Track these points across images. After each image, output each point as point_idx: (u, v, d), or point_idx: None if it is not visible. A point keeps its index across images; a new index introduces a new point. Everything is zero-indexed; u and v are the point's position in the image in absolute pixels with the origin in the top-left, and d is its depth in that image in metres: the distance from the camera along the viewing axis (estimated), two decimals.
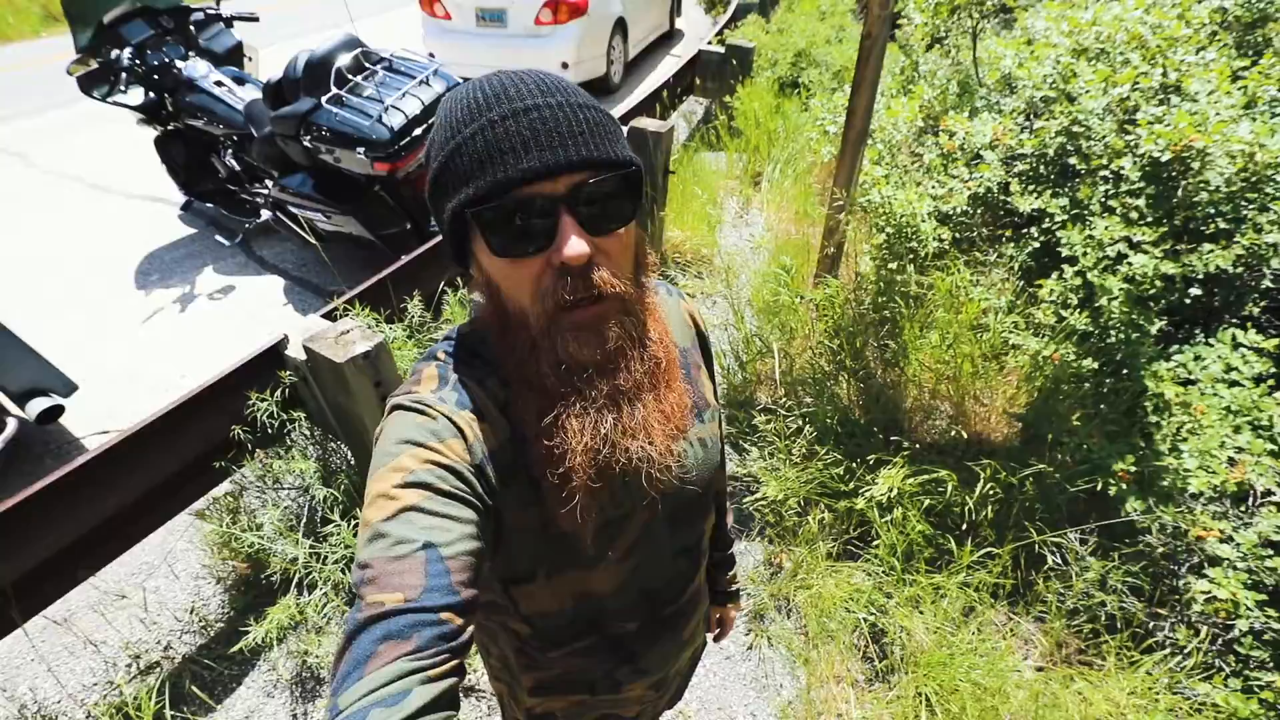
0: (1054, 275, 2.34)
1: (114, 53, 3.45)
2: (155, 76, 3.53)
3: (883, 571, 1.98)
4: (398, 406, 0.63)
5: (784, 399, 2.38)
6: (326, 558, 1.91)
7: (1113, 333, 2.07)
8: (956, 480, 1.99)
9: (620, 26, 6.19)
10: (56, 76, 3.45)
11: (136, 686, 1.76)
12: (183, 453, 1.86)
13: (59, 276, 3.69)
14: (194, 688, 1.82)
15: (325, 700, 1.81)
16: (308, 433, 2.08)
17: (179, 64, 3.55)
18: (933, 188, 2.70)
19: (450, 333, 0.72)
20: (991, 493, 1.94)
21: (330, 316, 2.10)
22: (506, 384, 0.65)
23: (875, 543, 2.01)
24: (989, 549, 1.89)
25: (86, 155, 5.02)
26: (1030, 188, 2.62)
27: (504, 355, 0.63)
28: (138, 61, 3.48)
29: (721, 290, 3.25)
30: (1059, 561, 1.86)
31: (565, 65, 5.52)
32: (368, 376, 1.80)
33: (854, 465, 2.12)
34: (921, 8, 3.62)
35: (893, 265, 2.51)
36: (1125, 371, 2.03)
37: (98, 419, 2.68)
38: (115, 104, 3.53)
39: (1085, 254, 2.19)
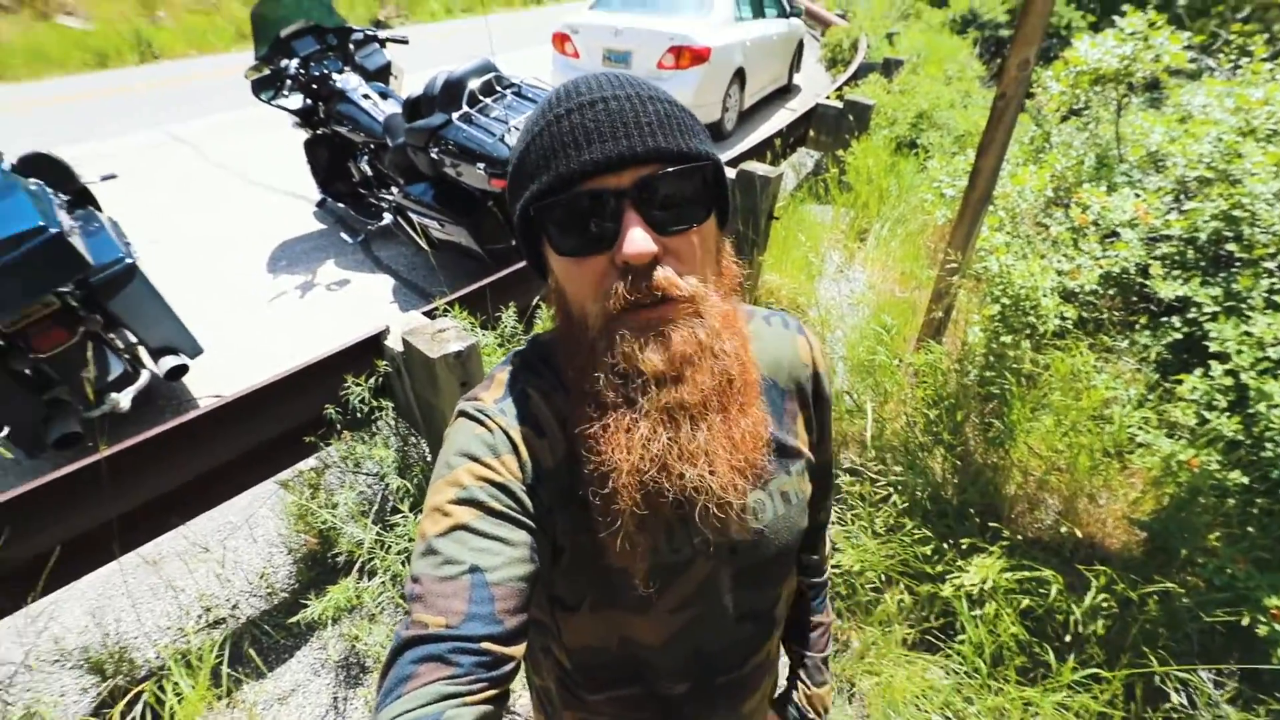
0: (1198, 372, 2.09)
1: (284, 62, 3.86)
2: (314, 86, 3.92)
3: (964, 672, 1.78)
4: (462, 413, 0.61)
5: (872, 463, 2.24)
6: (390, 547, 1.94)
7: (1269, 445, 1.81)
8: (1062, 583, 1.77)
9: (739, 76, 6.32)
10: (237, 85, 3.92)
11: (202, 638, 1.84)
12: (280, 423, 1.97)
13: (205, 252, 4.09)
14: (251, 650, 1.87)
15: (367, 693, 1.82)
16: (392, 423, 2.15)
17: (335, 76, 3.92)
18: (1058, 262, 2.52)
19: (535, 336, 0.70)
20: (1104, 605, 1.71)
21: (430, 315, 2.18)
22: (571, 396, 0.61)
23: (959, 637, 1.81)
24: (1096, 670, 1.66)
25: (247, 152, 5.63)
26: (1175, 273, 2.39)
27: (568, 364, 0.60)
28: (302, 71, 3.88)
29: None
30: (1184, 702, 1.59)
31: None
32: (456, 375, 1.85)
33: (944, 546, 1.95)
34: (1060, 76, 3.45)
35: (1006, 338, 2.33)
36: None
37: (215, 383, 2.91)
38: (278, 106, 3.95)
39: (1240, 352, 1.95)
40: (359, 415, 2.05)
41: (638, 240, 0.51)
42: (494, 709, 0.48)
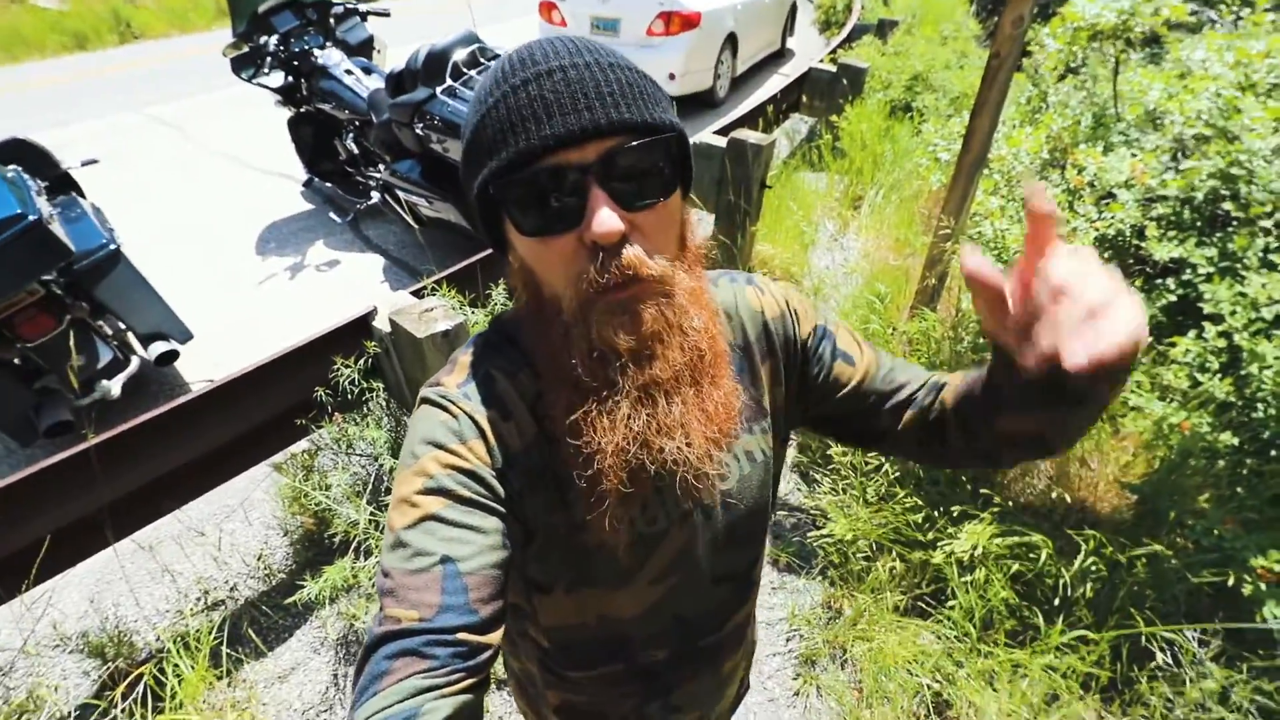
0: (1191, 334, 2.08)
1: (263, 39, 3.77)
2: (295, 62, 3.83)
3: (955, 636, 1.80)
4: (425, 399, 0.60)
5: None
6: (385, 521, 1.95)
7: (1260, 406, 1.81)
8: (1052, 548, 1.78)
9: (731, 42, 6.17)
10: (218, 64, 3.84)
11: (201, 620, 1.86)
12: (271, 406, 1.96)
13: (192, 235, 4.05)
14: (250, 631, 1.89)
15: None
16: (384, 404, 2.14)
17: (316, 52, 3.83)
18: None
19: (497, 315, 0.68)
20: (1093, 568, 1.73)
21: (419, 295, 2.16)
22: (539, 376, 0.60)
23: (950, 603, 1.83)
24: (1084, 632, 1.68)
25: (231, 133, 5.53)
26: (1170, 234, 2.35)
27: (537, 346, 0.59)
28: (282, 48, 3.79)
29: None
30: (1170, 661, 1.62)
31: (672, 76, 5.55)
32: (444, 355, 1.83)
33: (935, 514, 1.95)
34: (1057, 34, 3.36)
35: None
36: (1274, 453, 1.76)
37: (206, 368, 2.90)
38: (258, 85, 3.86)
39: (1234, 313, 1.93)
40: (349, 397, 2.05)
41: (605, 219, 0.50)
42: (474, 697, 0.48)
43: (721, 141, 3.14)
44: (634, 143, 0.51)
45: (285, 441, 2.07)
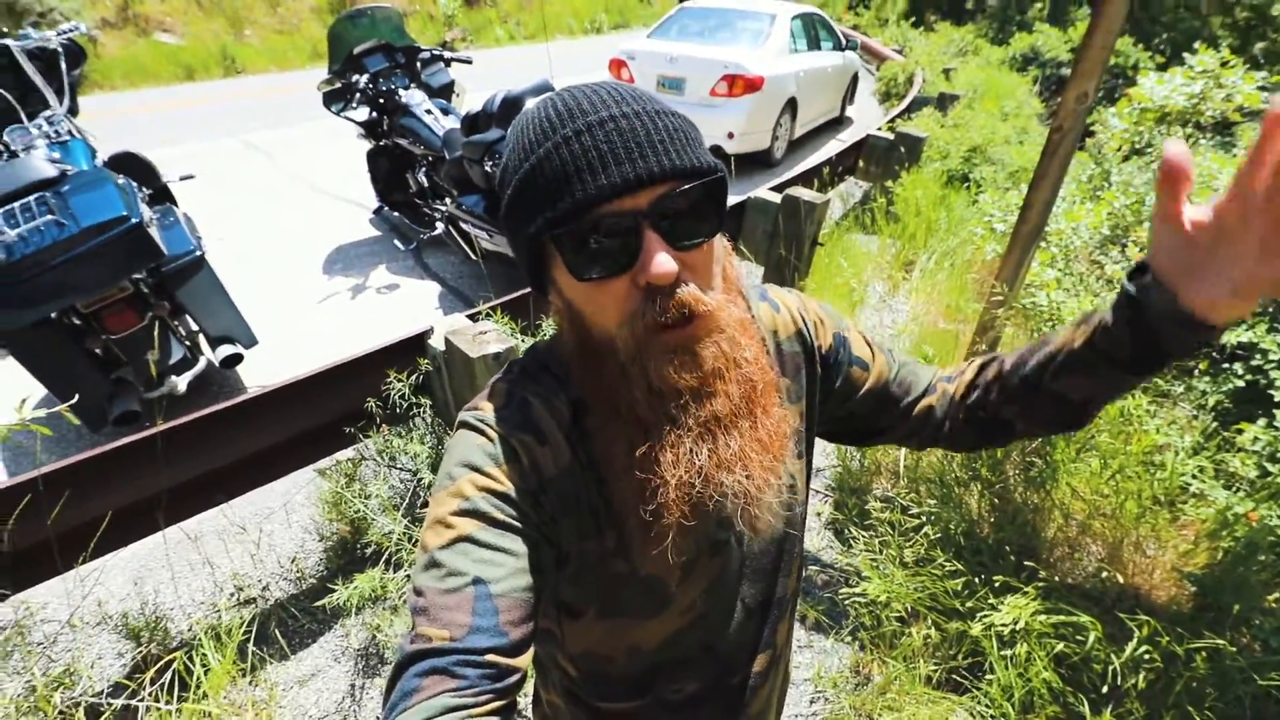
0: (1261, 421, 1.98)
1: (354, 77, 4.09)
2: (380, 100, 4.13)
3: (991, 716, 1.70)
4: (463, 423, 0.61)
5: (905, 493, 2.18)
6: (419, 541, 1.98)
7: None
8: (1101, 631, 1.68)
9: (791, 106, 6.36)
10: (309, 100, 4.18)
11: (232, 615, 1.90)
12: (323, 412, 2.05)
13: (268, 250, 4.32)
14: (277, 631, 1.93)
15: (384, 683, 1.84)
16: (429, 420, 2.21)
17: (401, 92, 4.13)
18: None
19: (532, 345, 0.69)
20: (1147, 658, 1.62)
21: (474, 319, 2.25)
22: (575, 405, 0.61)
23: (987, 679, 1.74)
24: None
25: (314, 161, 5.94)
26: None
27: (586, 383, 0.60)
28: (371, 86, 4.10)
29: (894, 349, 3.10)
30: None
31: (731, 135, 5.74)
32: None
33: (975, 582, 1.87)
34: (1123, 115, 3.37)
35: None
36: None
37: (265, 374, 3.04)
38: (345, 118, 4.17)
39: None
40: (398, 411, 2.12)
41: (662, 262, 0.52)
42: (501, 719, 0.48)
43: (776, 198, 3.22)
44: (684, 187, 0.53)
45: (332, 448, 2.15)
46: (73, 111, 3.18)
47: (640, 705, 0.70)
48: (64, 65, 3.12)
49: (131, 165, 3.05)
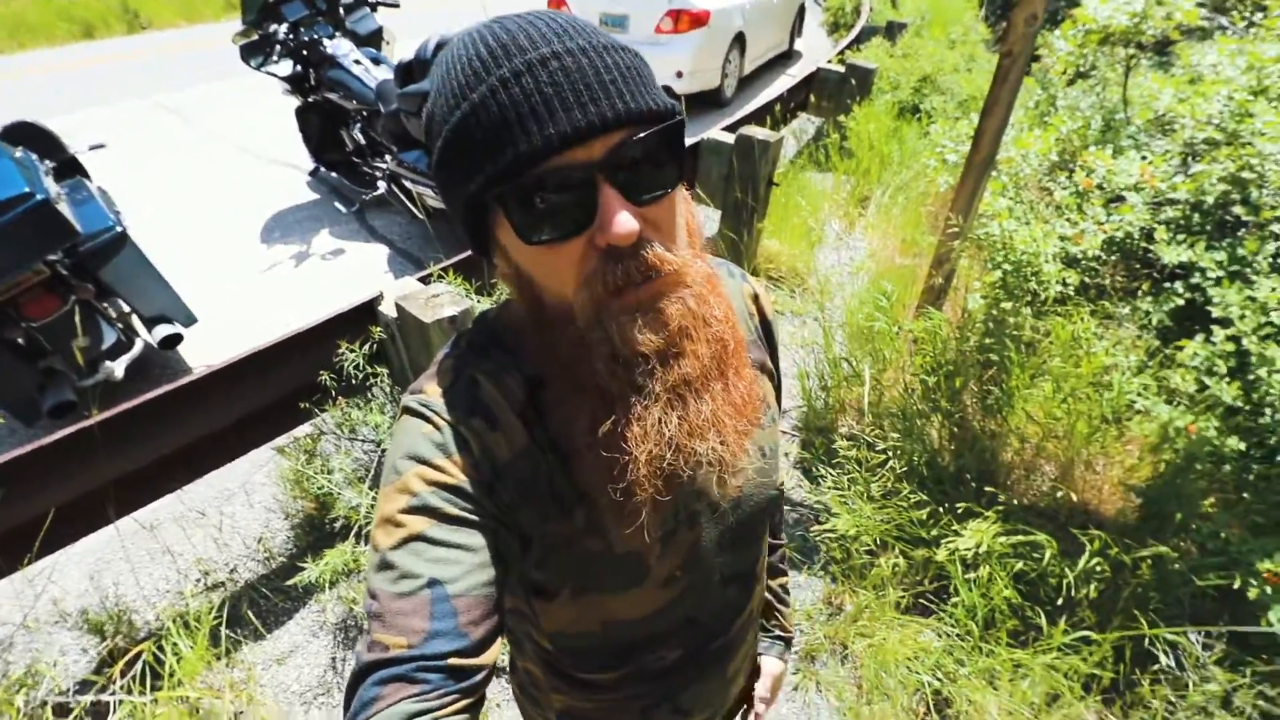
0: (1199, 338, 2.07)
1: (272, 27, 3.77)
2: (304, 51, 3.83)
3: (957, 635, 1.80)
4: (407, 409, 0.56)
5: (869, 429, 2.23)
6: (369, 539, 1.95)
7: (1269, 411, 1.80)
8: (1056, 548, 1.77)
9: (739, 41, 6.17)
10: (226, 54, 3.85)
11: (200, 600, 1.85)
12: (275, 389, 1.96)
13: (197, 222, 4.05)
14: (249, 612, 1.89)
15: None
16: (387, 390, 2.14)
17: (325, 42, 3.83)
18: (1062, 227, 2.48)
19: (480, 315, 0.64)
20: (1098, 569, 1.72)
21: (425, 281, 2.16)
22: (530, 380, 0.57)
23: (952, 601, 1.83)
24: (1086, 632, 1.67)
25: (238, 121, 5.53)
26: (1179, 237, 2.35)
27: (542, 355, 0.56)
28: (291, 36, 3.79)
29: (813, 311, 3.12)
30: (1172, 664, 1.61)
31: (680, 74, 5.55)
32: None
33: (940, 511, 1.95)
34: (1068, 36, 3.36)
35: (1006, 305, 2.30)
36: None
37: (209, 352, 2.90)
38: (267, 73, 3.86)
39: (1243, 317, 1.92)
40: (354, 382, 2.04)
41: (623, 222, 0.46)
42: (469, 717, 0.47)
43: (729, 138, 3.14)
44: (642, 134, 0.47)
45: (288, 425, 2.07)
46: None
47: (618, 675, 0.69)
48: None
49: (30, 136, 2.77)
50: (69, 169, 2.83)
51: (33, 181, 2.16)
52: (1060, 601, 1.73)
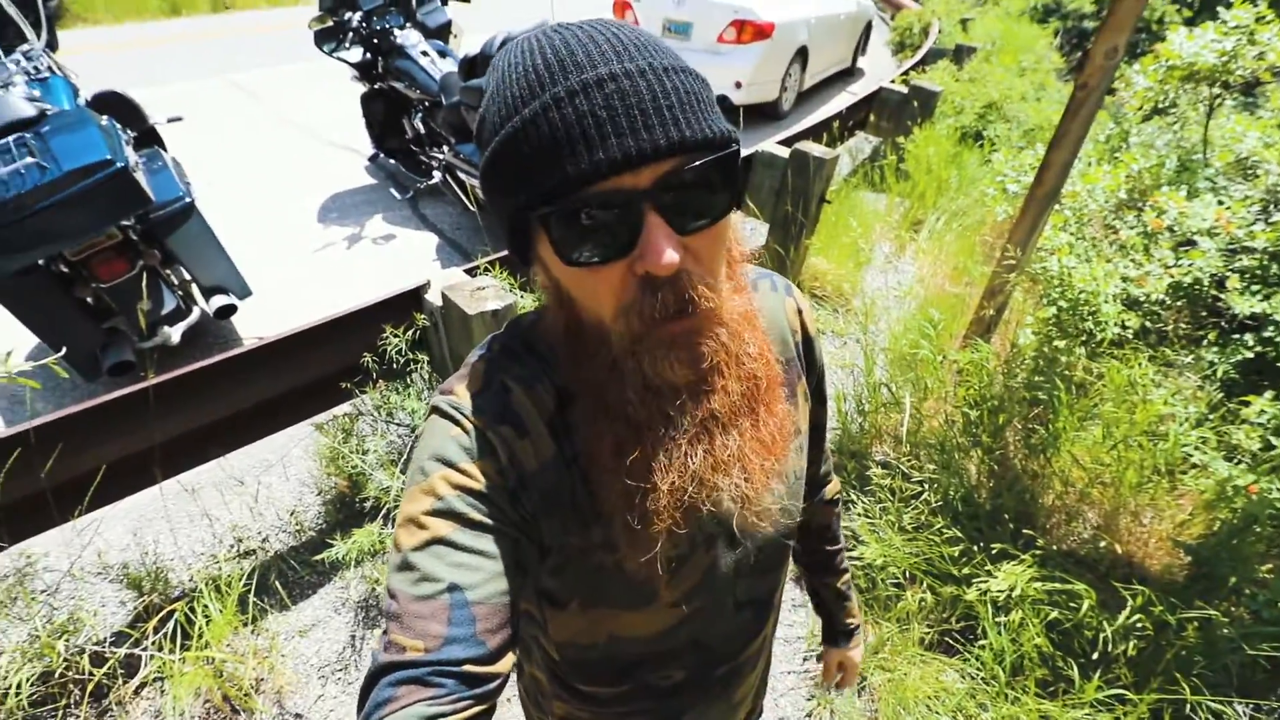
0: (1268, 394, 1.96)
1: (347, 14, 3.89)
2: (375, 40, 3.94)
3: (982, 678, 1.73)
4: (436, 409, 0.56)
5: (905, 458, 2.18)
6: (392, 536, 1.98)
7: None
8: (1095, 599, 1.70)
9: (801, 55, 6.12)
10: (301, 38, 3.99)
11: (232, 566, 1.91)
12: (319, 367, 2.02)
13: (259, 198, 4.20)
14: (277, 583, 1.94)
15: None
16: (426, 377, 2.18)
17: (396, 31, 3.93)
18: (1125, 267, 2.38)
19: (515, 320, 0.63)
20: (1139, 626, 1.64)
21: (471, 273, 2.19)
22: (561, 392, 0.57)
23: (980, 643, 1.77)
24: (1122, 691, 1.59)
25: (305, 103, 5.73)
26: (1254, 287, 2.23)
27: (574, 371, 0.55)
28: (364, 24, 3.90)
29: (856, 333, 3.06)
30: None
31: (739, 84, 5.53)
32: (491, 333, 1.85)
33: (973, 549, 1.89)
34: (1148, 71, 3.23)
35: (1059, 343, 2.22)
36: None
37: (260, 325, 3.00)
38: (338, 58, 3.99)
39: None
40: (395, 366, 2.08)
41: (665, 252, 0.45)
42: None
43: (784, 152, 3.11)
44: (695, 163, 0.46)
45: (329, 403, 2.12)
46: (51, 46, 3.03)
47: (621, 690, 0.69)
48: None
49: (116, 106, 2.92)
50: (147, 139, 2.97)
51: (114, 149, 2.26)
52: (1095, 656, 1.65)
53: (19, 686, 1.49)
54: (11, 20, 2.87)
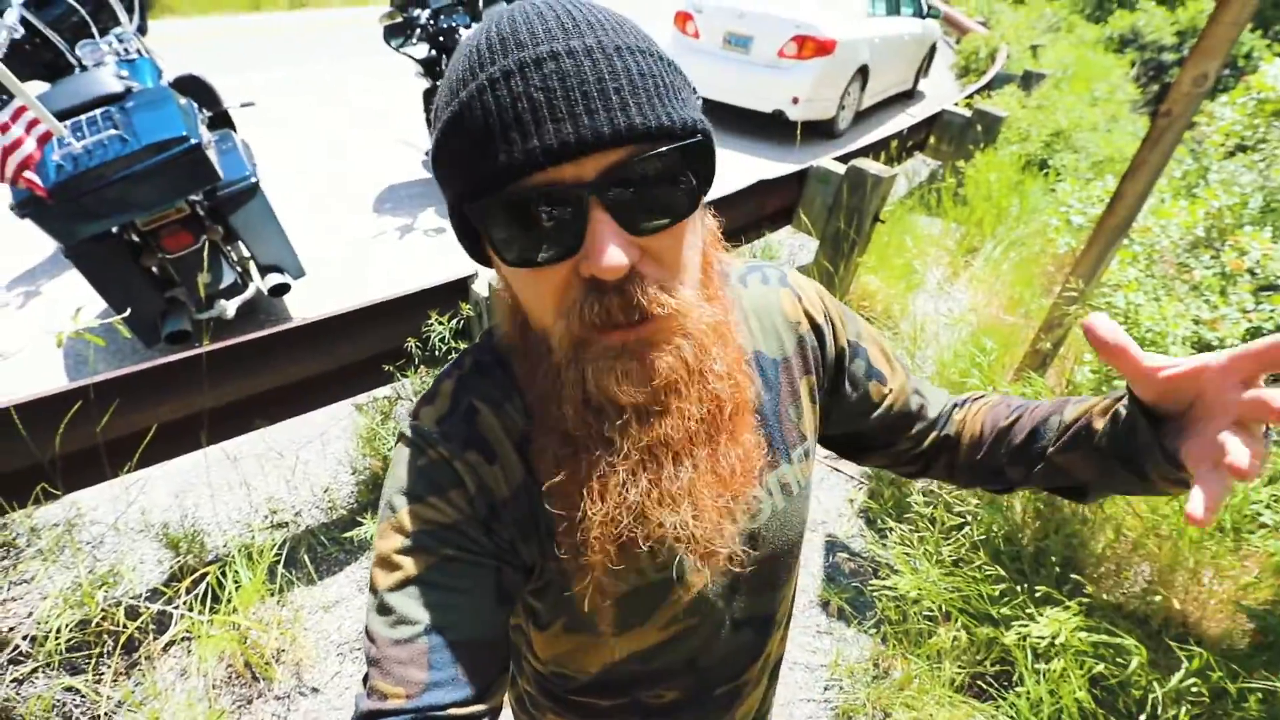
0: None
1: (416, 11, 4.01)
2: (440, 37, 4.05)
3: None
4: (403, 437, 0.54)
5: (948, 488, 2.09)
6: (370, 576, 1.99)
7: None
8: (1146, 656, 1.59)
9: (862, 74, 6.04)
10: (370, 35, 4.13)
11: (265, 536, 1.95)
12: (365, 347, 2.05)
13: (320, 183, 4.34)
14: (305, 556, 1.98)
15: None
16: None
17: (461, 30, 4.03)
18: (1198, 309, 2.25)
19: (490, 329, 0.58)
20: (1193, 690, 1.53)
21: None
22: (529, 415, 0.53)
23: (1016, 690, 1.67)
24: None
25: (366, 97, 5.93)
26: None
27: (527, 383, 0.51)
28: (431, 22, 4.01)
29: (902, 356, 2.97)
30: None
31: (795, 100, 5.49)
32: None
33: (1016, 590, 1.79)
34: (1236, 104, 3.07)
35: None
36: None
37: (311, 306, 3.08)
38: (404, 53, 4.11)
39: None
40: (436, 353, 2.11)
41: (610, 254, 0.40)
42: None
43: (840, 168, 3.06)
44: (647, 154, 0.41)
45: (371, 384, 2.16)
46: (141, 30, 3.20)
47: (615, 705, 0.66)
48: None
49: (195, 88, 3.07)
50: (221, 120, 3.10)
51: (191, 128, 2.37)
52: (1143, 718, 1.54)
53: (58, 631, 1.55)
54: (107, 4, 3.04)
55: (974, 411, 0.71)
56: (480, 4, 4.23)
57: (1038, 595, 1.75)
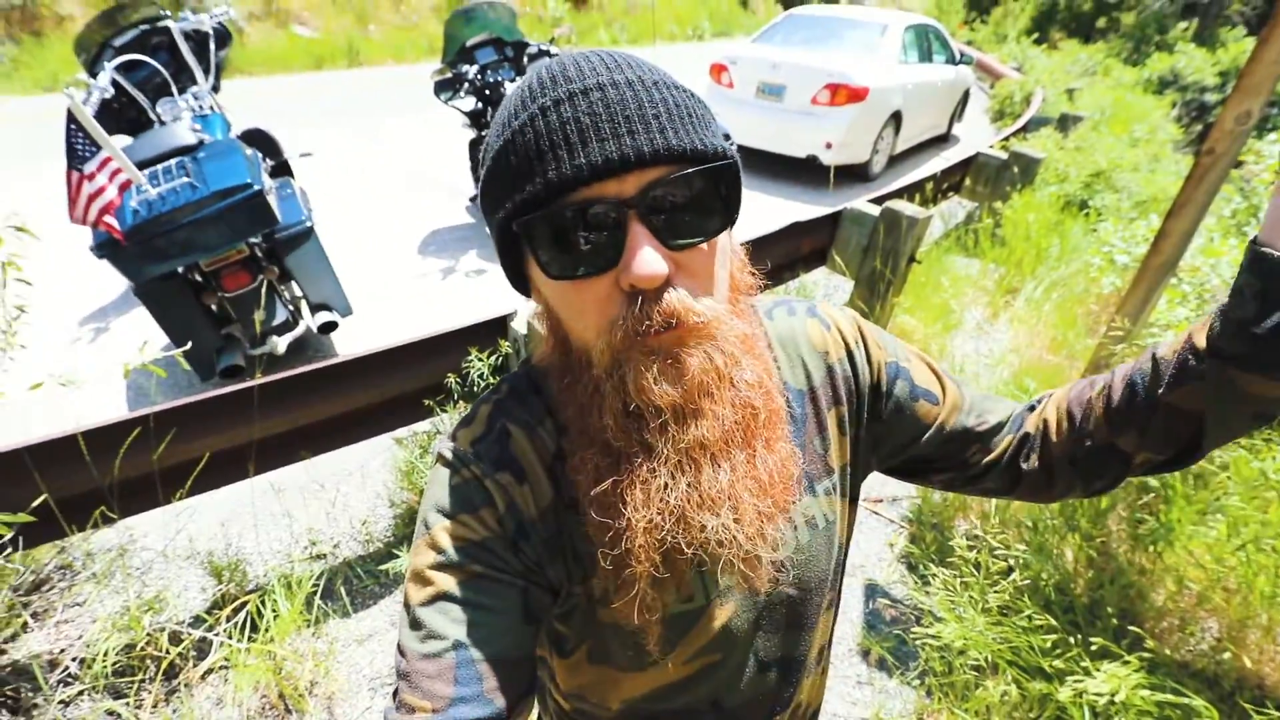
0: None
1: (464, 67, 4.25)
2: (486, 91, 4.27)
3: None
4: (439, 457, 0.56)
5: (995, 532, 2.01)
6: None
7: None
8: (1218, 719, 1.48)
9: (895, 119, 6.11)
10: (421, 91, 4.37)
11: (304, 567, 1.99)
12: (406, 383, 2.11)
13: (369, 228, 4.56)
14: (342, 588, 2.00)
15: None
16: None
17: (506, 84, 4.25)
18: None
19: (527, 360, 0.62)
20: None
21: None
22: (561, 431, 0.55)
23: None
24: None
25: (416, 147, 6.24)
26: None
27: (564, 400, 0.53)
28: (479, 77, 4.25)
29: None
30: None
31: (829, 145, 5.57)
32: None
33: (1070, 643, 1.70)
34: None
35: None
36: None
37: (355, 341, 3.20)
38: (453, 106, 4.35)
39: None
40: (476, 390, 2.16)
41: (648, 261, 0.44)
42: None
43: (874, 210, 3.08)
44: (681, 173, 0.45)
45: (411, 418, 2.21)
46: (216, 89, 3.47)
47: None
48: (213, 46, 3.41)
49: (260, 140, 3.30)
50: (282, 169, 3.31)
51: (254, 176, 2.53)
52: None
53: (106, 654, 1.59)
54: (188, 66, 3.32)
55: (1051, 403, 0.66)
56: (525, 60, 4.47)
57: (1093, 648, 1.65)
